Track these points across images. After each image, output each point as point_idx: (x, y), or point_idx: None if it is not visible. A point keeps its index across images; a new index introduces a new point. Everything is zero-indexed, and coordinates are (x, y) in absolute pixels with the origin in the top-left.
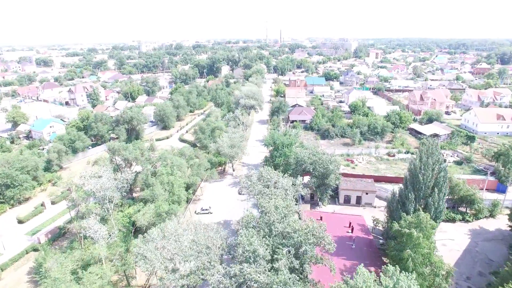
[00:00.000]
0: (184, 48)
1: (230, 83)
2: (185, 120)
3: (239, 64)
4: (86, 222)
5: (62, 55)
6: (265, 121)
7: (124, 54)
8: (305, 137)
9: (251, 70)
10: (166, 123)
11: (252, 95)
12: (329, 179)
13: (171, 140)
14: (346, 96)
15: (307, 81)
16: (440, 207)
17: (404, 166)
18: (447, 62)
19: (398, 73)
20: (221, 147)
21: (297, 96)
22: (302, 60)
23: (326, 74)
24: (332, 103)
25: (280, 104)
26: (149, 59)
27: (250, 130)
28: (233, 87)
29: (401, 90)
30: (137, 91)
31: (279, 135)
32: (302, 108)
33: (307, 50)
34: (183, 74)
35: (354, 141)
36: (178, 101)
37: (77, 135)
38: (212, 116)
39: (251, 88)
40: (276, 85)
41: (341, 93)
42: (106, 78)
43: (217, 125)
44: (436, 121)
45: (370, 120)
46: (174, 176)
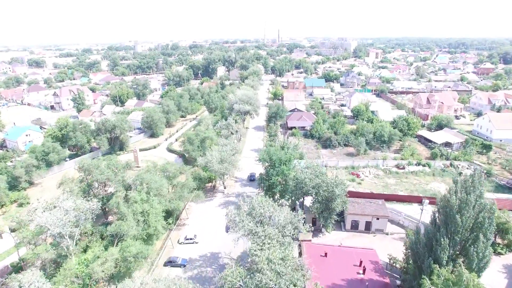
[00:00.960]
0: (181, 48)
1: (225, 85)
2: (176, 127)
3: (235, 65)
4: (24, 276)
5: (56, 55)
6: (261, 127)
7: (118, 55)
8: (305, 146)
9: (248, 71)
10: (154, 131)
11: (247, 100)
12: (335, 204)
13: (159, 149)
14: (347, 99)
15: (306, 83)
16: (486, 257)
17: (415, 181)
18: (449, 61)
19: (400, 74)
20: (210, 162)
21: (296, 99)
22: (300, 60)
23: (326, 75)
24: (333, 106)
25: (278, 109)
26: (143, 60)
27: (245, 138)
28: (228, 90)
29: (404, 92)
30: (127, 94)
31: (275, 149)
32: (302, 113)
33: (305, 50)
34: (177, 75)
35: (358, 151)
36: (167, 106)
37: (51, 146)
38: (202, 124)
39: (246, 92)
40: (273, 87)
41: (342, 95)
42: (97, 80)
43: (207, 135)
44: (447, 127)
45: (376, 127)
46: (150, 203)
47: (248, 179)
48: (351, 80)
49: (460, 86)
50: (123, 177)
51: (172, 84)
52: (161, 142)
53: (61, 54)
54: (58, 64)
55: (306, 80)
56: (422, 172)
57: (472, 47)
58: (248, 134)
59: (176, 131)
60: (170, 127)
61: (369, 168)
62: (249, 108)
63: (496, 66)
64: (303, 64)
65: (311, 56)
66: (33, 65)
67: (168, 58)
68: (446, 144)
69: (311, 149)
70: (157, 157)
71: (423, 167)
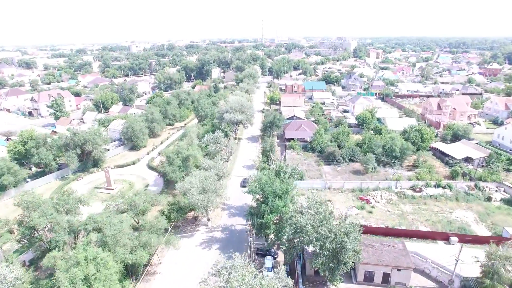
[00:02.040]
0: (176, 49)
1: (219, 88)
2: (161, 137)
3: (231, 66)
4: None
5: (48, 56)
6: (256, 138)
7: (110, 56)
8: (304, 162)
9: (243, 73)
10: (135, 143)
11: (240, 108)
12: (345, 257)
13: (139, 166)
14: (351, 105)
15: (306, 86)
16: None
17: (436, 208)
18: (451, 62)
19: (403, 75)
20: (189, 192)
21: (295, 104)
22: (299, 61)
23: (326, 77)
24: (335, 113)
25: (274, 117)
26: (136, 61)
27: (237, 151)
28: (220, 96)
29: (410, 96)
30: (111, 99)
31: (269, 177)
32: (301, 122)
33: (304, 50)
34: (168, 78)
35: (367, 169)
36: (152, 114)
37: (5, 167)
38: (186, 137)
39: (239, 98)
40: (270, 91)
41: (344, 99)
42: (86, 82)
43: (190, 153)
44: (463, 137)
45: (385, 140)
46: (99, 262)
47: (241, 185)
48: (353, 83)
49: (469, 88)
50: (70, 221)
51: (163, 87)
52: (143, 156)
53: (53, 55)
54: (49, 65)
55: (306, 83)
56: (443, 196)
57: (473, 46)
58: (240, 147)
59: (160, 143)
60: (154, 137)
61: (380, 191)
62: (242, 117)
63: (502, 67)
64: (302, 65)
65: (310, 56)
66: (23, 66)
67: (161, 59)
68: (467, 159)
69: (312, 166)
70: (135, 176)
71: (443, 189)
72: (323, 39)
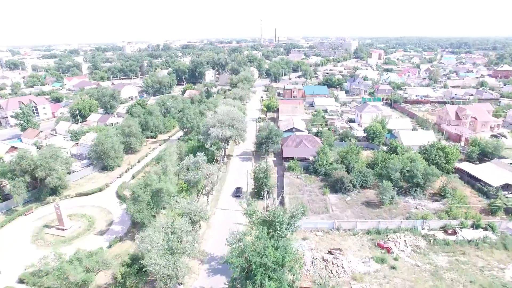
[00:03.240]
0: (172, 49)
1: (211, 94)
2: (140, 153)
3: (226, 68)
4: None
5: (38, 56)
6: (249, 154)
7: (102, 57)
8: (306, 189)
9: (238, 77)
10: (106, 163)
11: (230, 121)
12: None
13: (106, 193)
14: (357, 114)
15: (306, 90)
16: None
17: (481, 260)
18: (456, 63)
19: (409, 78)
20: (149, 257)
21: (294, 112)
22: (298, 62)
23: (327, 80)
24: (340, 123)
25: (270, 132)
26: (126, 63)
27: (226, 172)
28: (209, 105)
29: (420, 101)
30: (89, 107)
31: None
32: (301, 137)
33: (303, 50)
34: (156, 82)
35: (383, 200)
36: (128, 127)
37: None
38: (161, 162)
39: (230, 109)
40: (267, 96)
41: (349, 106)
42: (71, 85)
43: (161, 186)
44: (493, 155)
45: (403, 161)
46: None
47: (234, 195)
48: (357, 87)
49: (484, 93)
50: None
51: (151, 91)
52: (114, 180)
53: (44, 55)
54: (38, 66)
55: (306, 87)
56: (485, 241)
57: (475, 46)
58: (230, 168)
59: (137, 161)
60: (132, 153)
61: (403, 233)
62: (231, 133)
63: None
64: (301, 67)
65: (310, 57)
66: (11, 67)
67: (154, 60)
68: (506, 186)
69: (315, 194)
70: (98, 209)
71: (484, 230)
72: (322, 39)
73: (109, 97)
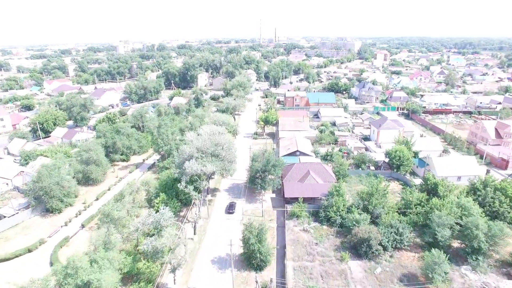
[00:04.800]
0: (167, 49)
1: (201, 102)
2: (104, 184)
3: (221, 70)
4: None
5: (27, 57)
6: (240, 188)
7: (91, 58)
8: (316, 250)
9: (232, 82)
10: (48, 205)
11: (214, 150)
12: None
13: (36, 256)
14: (374, 130)
15: (310, 98)
16: None
17: None
18: (467, 64)
19: (421, 82)
20: None
21: (297, 127)
22: (300, 64)
23: (333, 85)
24: (353, 141)
25: (267, 163)
26: (114, 64)
27: (206, 225)
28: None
29: (441, 111)
30: (55, 119)
31: None
32: (308, 166)
33: (304, 50)
34: (140, 87)
35: (431, 275)
36: (87, 152)
37: None
38: (102, 226)
39: (216, 130)
40: (265, 103)
41: (361, 118)
42: (51, 89)
43: (93, 277)
44: None
45: (451, 209)
46: None
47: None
48: (367, 93)
49: None
50: None
51: (135, 98)
52: (57, 230)
53: (32, 55)
54: (23, 67)
55: (310, 94)
56: None
57: (480, 47)
58: (214, 209)
59: (95, 199)
60: (94, 184)
61: None
62: (214, 168)
63: None
64: (303, 69)
65: (311, 58)
66: None
67: (145, 61)
68: None
69: (331, 260)
70: None
71: None
72: (323, 39)
73: (80, 107)
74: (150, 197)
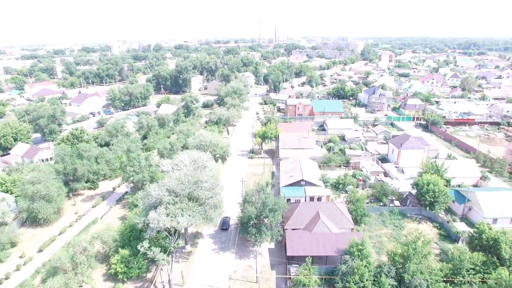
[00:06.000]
0: (164, 49)
1: (192, 110)
2: (55, 226)
3: (216, 73)
4: None
5: (17, 57)
6: (229, 234)
7: (82, 58)
8: None
9: (226, 88)
10: None
11: (192, 190)
12: None
13: None
14: (393, 149)
15: (314, 106)
16: None
17: None
18: (476, 66)
19: (433, 86)
20: None
21: (301, 145)
22: (301, 66)
23: (339, 90)
24: (369, 165)
25: (264, 207)
26: (105, 66)
27: None
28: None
29: (463, 121)
30: (16, 133)
31: None
32: (317, 207)
33: (305, 51)
34: (125, 93)
35: None
36: (35, 185)
37: None
38: None
39: (198, 157)
40: (264, 112)
41: (374, 132)
42: (31, 94)
43: None
44: None
45: None
46: None
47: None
48: (378, 101)
49: None
50: None
51: (119, 105)
52: None
53: (22, 56)
54: (10, 68)
55: (315, 102)
56: None
57: (485, 47)
58: (191, 273)
59: (38, 250)
60: (44, 225)
61: None
62: (190, 221)
63: None
64: (305, 71)
65: (313, 58)
66: None
67: (137, 63)
68: None
69: None
70: None
71: None
72: (324, 39)
73: (48, 118)
74: (107, 252)
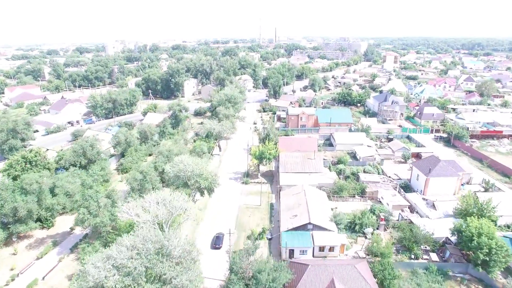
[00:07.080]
0: (160, 50)
1: (180, 119)
2: None
3: (211, 76)
4: None
5: (7, 57)
6: None
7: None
8: None
9: (219, 96)
10: None
11: (150, 265)
12: None
13: None
14: (418, 175)
15: (320, 116)
16: None
17: None
18: (485, 67)
19: (445, 90)
20: None
21: (306, 168)
22: (303, 68)
23: (344, 96)
24: (389, 194)
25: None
26: (94, 67)
27: None
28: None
29: (490, 133)
30: None
31: None
32: (331, 271)
33: (306, 52)
34: (108, 100)
35: None
36: None
37: None
38: None
39: (173, 204)
40: (262, 121)
41: (391, 148)
42: (10, 98)
43: None
44: None
45: None
46: None
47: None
48: (390, 109)
49: None
50: None
51: (102, 113)
52: None
53: (13, 56)
54: None
55: (319, 112)
56: None
57: (489, 48)
58: None
59: None
60: None
61: None
62: None
63: None
64: (307, 73)
65: (314, 59)
66: None
67: (128, 64)
68: None
69: None
70: None
71: None
72: (325, 39)
73: (7, 133)
74: None
